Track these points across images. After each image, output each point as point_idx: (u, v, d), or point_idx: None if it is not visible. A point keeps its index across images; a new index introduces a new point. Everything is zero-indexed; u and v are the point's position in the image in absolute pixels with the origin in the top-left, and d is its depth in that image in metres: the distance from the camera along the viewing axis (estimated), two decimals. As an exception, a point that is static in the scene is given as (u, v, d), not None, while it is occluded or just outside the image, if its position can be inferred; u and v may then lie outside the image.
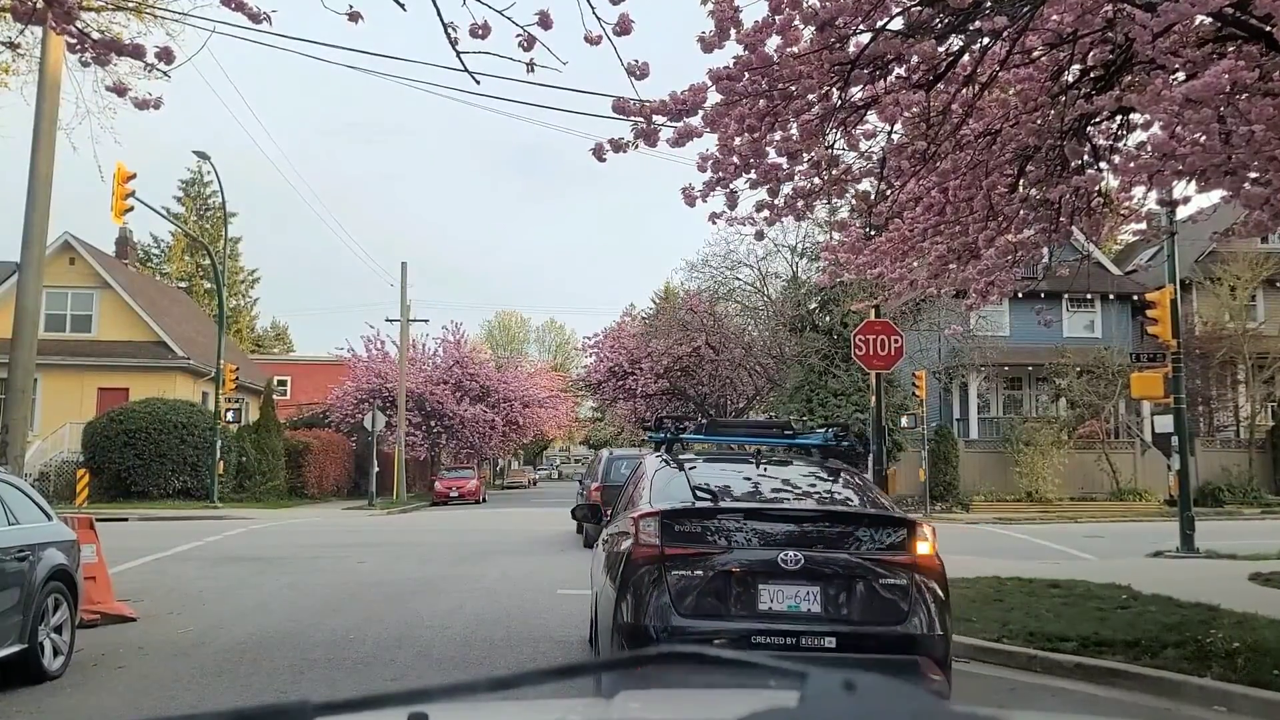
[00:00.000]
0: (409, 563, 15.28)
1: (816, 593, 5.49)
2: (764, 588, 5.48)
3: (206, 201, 70.30)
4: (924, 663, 5.46)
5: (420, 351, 48.50)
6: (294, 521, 25.61)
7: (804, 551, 5.50)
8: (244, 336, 72.17)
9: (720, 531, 5.69)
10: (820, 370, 32.68)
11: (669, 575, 5.50)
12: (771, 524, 5.72)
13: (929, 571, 5.69)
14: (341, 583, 12.96)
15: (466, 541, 19.01)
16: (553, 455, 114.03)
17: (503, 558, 16.08)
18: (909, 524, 5.82)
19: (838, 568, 5.56)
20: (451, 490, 39.57)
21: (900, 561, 5.62)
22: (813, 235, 35.14)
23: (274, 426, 34.81)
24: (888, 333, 12.44)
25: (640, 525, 5.70)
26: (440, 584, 12.76)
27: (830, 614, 5.49)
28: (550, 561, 15.50)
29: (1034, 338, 36.87)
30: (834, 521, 5.83)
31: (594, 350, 40.78)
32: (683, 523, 5.69)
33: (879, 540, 5.73)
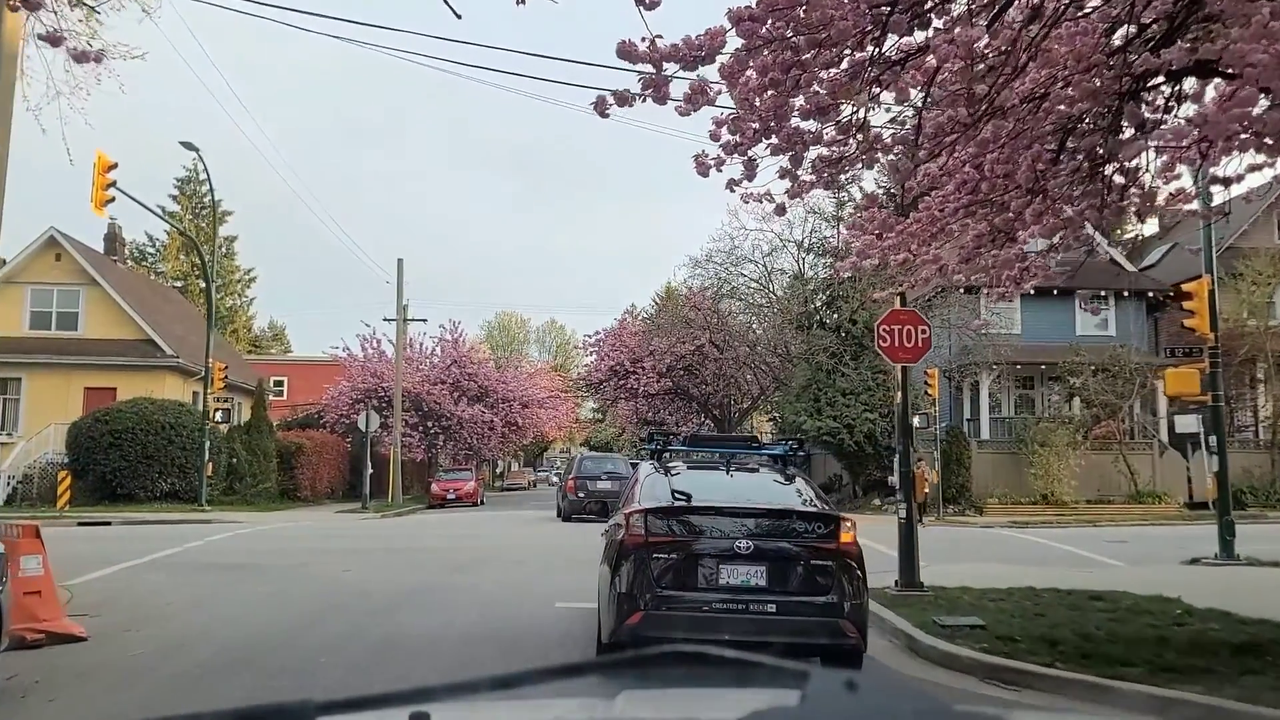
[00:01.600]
0: (398, 570, 14.31)
1: (763, 571, 6.97)
2: (724, 567, 6.97)
3: (202, 199, 69.08)
4: (844, 624, 6.98)
5: (418, 351, 47.54)
6: (283, 525, 24.65)
7: (754, 540, 7.00)
8: (240, 337, 71.24)
9: (691, 524, 7.19)
10: (828, 369, 31.70)
11: (652, 557, 6.97)
12: (731, 519, 7.16)
13: (850, 555, 7.18)
14: (324, 592, 12.00)
15: (460, 547, 18.04)
16: (553, 457, 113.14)
17: (497, 565, 15.12)
18: (835, 519, 7.28)
19: (780, 552, 7.06)
20: (448, 492, 38.58)
21: (827, 548, 7.08)
22: (820, 230, 34.22)
23: (266, 427, 33.84)
24: (914, 322, 11.46)
25: (630, 519, 7.21)
26: (429, 595, 11.79)
27: (773, 587, 6.96)
28: (547, 570, 14.54)
29: (1046, 336, 35.96)
30: (778, 517, 7.31)
31: (594, 349, 39.74)
32: (662, 517, 7.17)
33: (812, 531, 7.21)
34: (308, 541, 19.09)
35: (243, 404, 36.97)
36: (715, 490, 7.81)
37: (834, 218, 33.86)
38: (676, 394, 40.62)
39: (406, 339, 49.72)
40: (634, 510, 7.35)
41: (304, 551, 16.85)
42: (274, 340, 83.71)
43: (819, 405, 31.51)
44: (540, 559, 16.37)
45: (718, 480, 8.23)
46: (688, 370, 38.54)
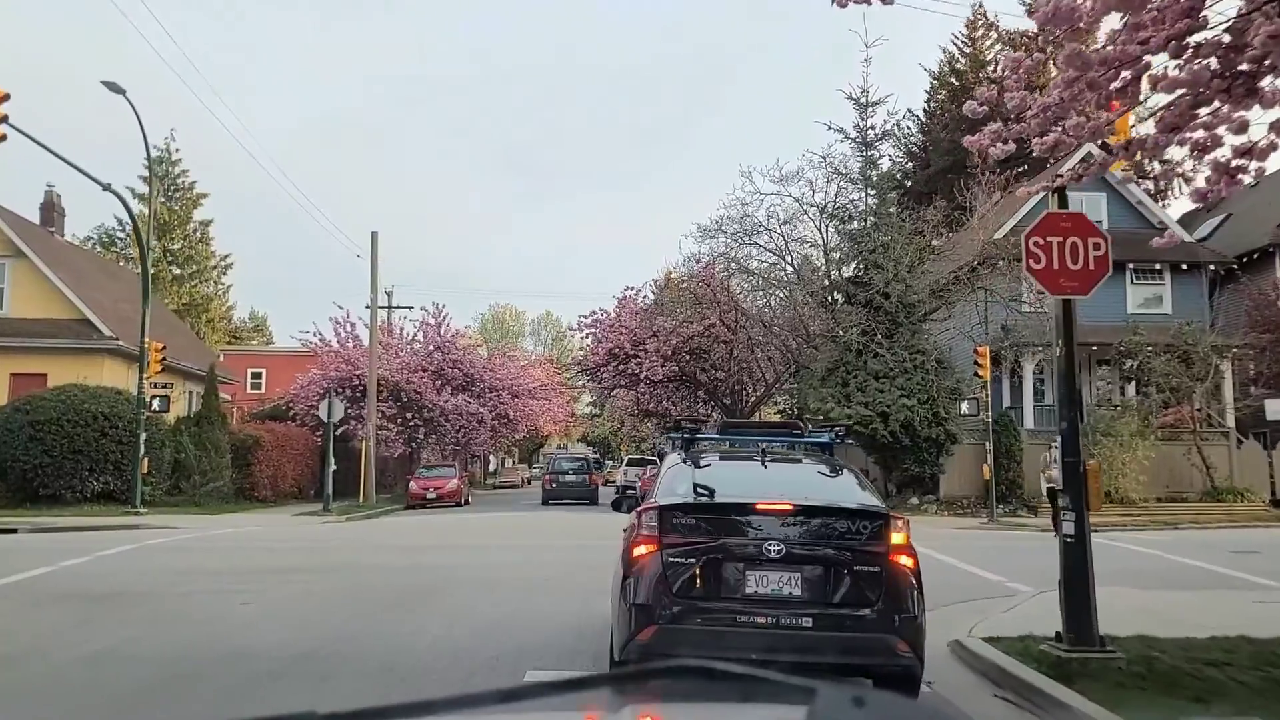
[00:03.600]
0: (319, 604, 10.33)
1: (798, 578, 5.90)
2: (750, 573, 5.91)
3: (175, 181, 65.22)
4: (894, 642, 5.79)
5: (397, 337, 43.51)
6: (223, 532, 20.65)
7: (787, 542, 5.93)
8: (216, 326, 67.25)
9: (714, 523, 6.15)
10: (858, 348, 27.69)
11: (666, 561, 5.95)
12: (759, 517, 6.09)
13: (902, 560, 6.04)
14: (184, 647, 8.06)
15: (421, 563, 14.06)
16: (550, 453, 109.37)
17: (461, 591, 11.14)
18: (884, 517, 6.17)
19: (818, 556, 5.98)
20: (428, 491, 34.55)
21: (875, 551, 6.00)
22: (846, 193, 30.16)
23: (217, 418, 29.79)
24: (1083, 232, 7.45)
25: (643, 518, 6.27)
26: (341, 654, 7.82)
27: (810, 597, 5.88)
28: (527, 594, 10.57)
29: (1095, 314, 31.76)
30: (817, 515, 6.19)
31: (591, 331, 35.56)
32: (679, 516, 6.18)
33: (857, 531, 6.11)
34: (230, 557, 15.09)
35: (195, 393, 32.93)
36: (747, 484, 6.84)
37: (862, 178, 29.80)
38: (682, 381, 36.48)
39: (389, 325, 45.77)
40: (647, 508, 6.41)
41: (209, 574, 12.84)
42: (255, 331, 79.87)
43: (848, 391, 27.50)
44: (520, 577, 12.39)
45: (751, 473, 7.22)
46: (694, 354, 34.42)
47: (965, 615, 10.41)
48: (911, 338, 27.78)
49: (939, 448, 27.22)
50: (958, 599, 11.12)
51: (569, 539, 18.48)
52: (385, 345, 41.20)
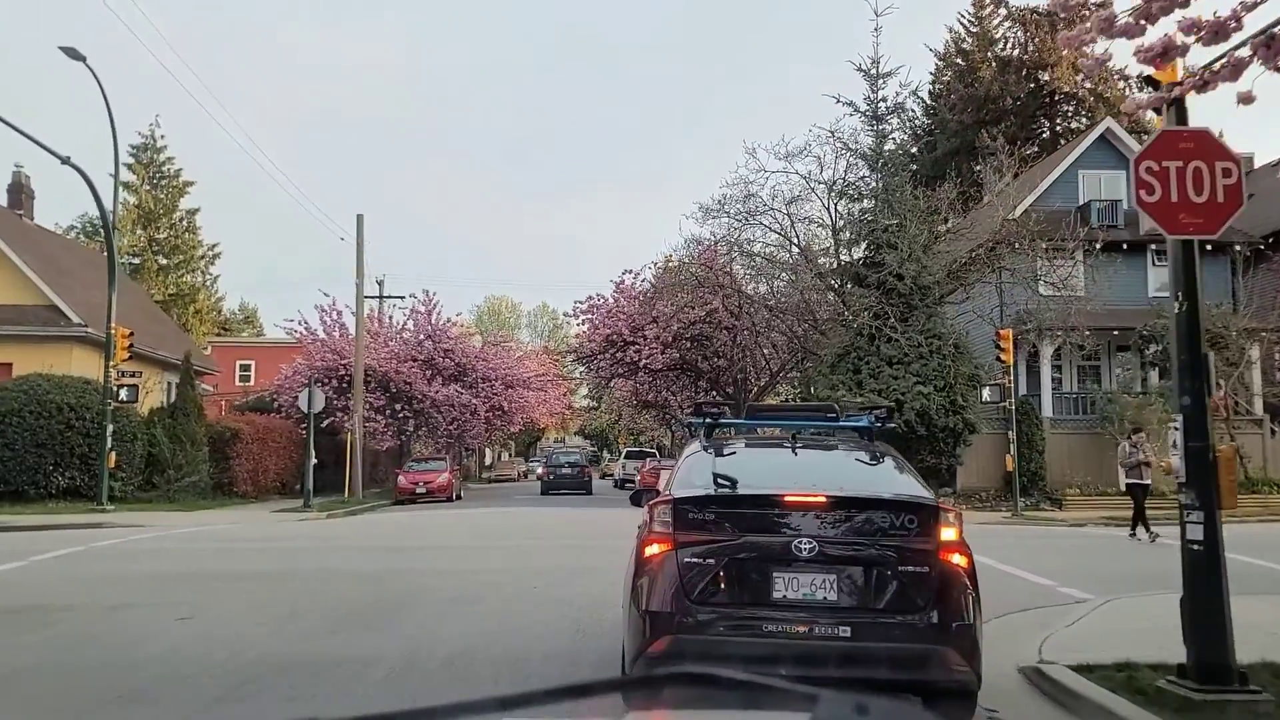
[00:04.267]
0: (265, 620, 8.78)
1: (833, 581, 5.18)
2: (778, 575, 5.18)
3: (160, 168, 63.51)
4: (946, 653, 5.04)
5: (387, 326, 41.92)
6: (189, 531, 19.09)
7: (820, 538, 5.21)
8: (205, 317, 65.63)
9: (735, 518, 5.41)
10: (870, 333, 26.13)
11: (681, 562, 5.24)
12: (788, 511, 5.38)
13: (954, 559, 5.30)
14: (95, 671, 6.55)
15: (396, 569, 12.49)
16: (547, 446, 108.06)
17: (431, 608, 9.56)
18: (933, 510, 5.40)
19: (855, 555, 5.24)
20: (418, 486, 33.01)
21: (922, 549, 5.24)
22: (856, 169, 28.56)
23: (194, 410, 28.19)
24: (1209, 155, 5.76)
25: (654, 513, 5.56)
26: (271, 689, 6.25)
27: (847, 602, 5.15)
28: (510, 619, 8.95)
29: (1115, 297, 30.28)
30: (853, 507, 5.42)
31: (587, 316, 33.87)
32: (696, 510, 5.47)
33: (901, 526, 5.36)
34: (185, 560, 13.53)
35: (175, 384, 31.35)
36: (774, 474, 6.09)
37: (872, 154, 28.20)
38: (683, 369, 34.86)
39: (380, 314, 44.21)
40: (660, 501, 5.59)
41: (149, 582, 11.27)
42: (245, 323, 78.26)
43: (859, 378, 25.95)
44: (505, 583, 10.83)
45: (780, 461, 6.52)
46: (695, 341, 32.79)
47: (1025, 628, 8.91)
48: (927, 321, 26.23)
49: (956, 438, 25.68)
50: (1010, 608, 9.60)
51: (564, 538, 16.94)
52: (374, 334, 39.62)
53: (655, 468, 36.60)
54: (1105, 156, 33.99)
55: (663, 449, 59.67)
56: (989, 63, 51.53)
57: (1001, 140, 36.01)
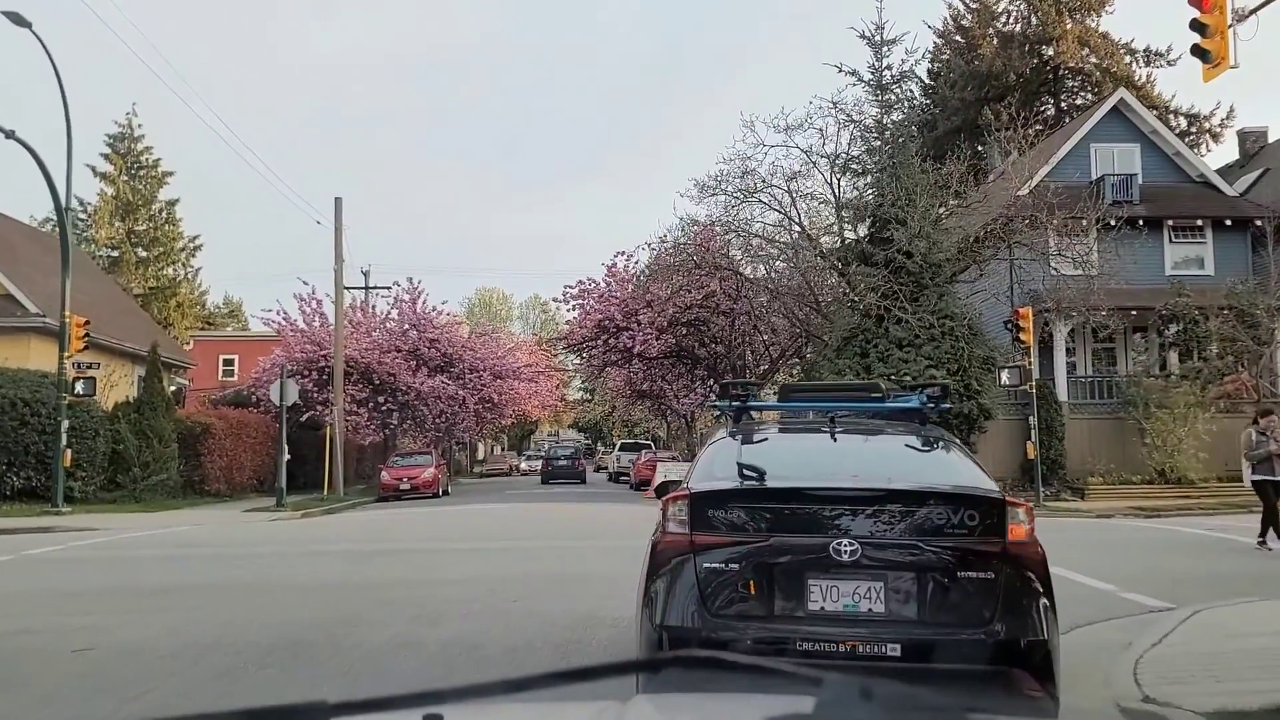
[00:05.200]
0: (178, 651, 7.19)
1: (879, 589, 4.42)
2: (814, 583, 4.45)
3: (138, 158, 61.65)
4: (1017, 675, 4.25)
5: (370, 316, 40.31)
6: (147, 534, 17.49)
7: (864, 539, 4.46)
8: (187, 311, 63.89)
9: (763, 516, 4.66)
10: (878, 313, 24.57)
11: (699, 567, 4.55)
12: (827, 506, 4.61)
13: (1024, 562, 4.53)
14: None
15: (356, 580, 10.91)
16: (541, 440, 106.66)
17: (383, 634, 7.97)
18: (998, 504, 4.59)
19: (907, 558, 4.47)
20: (401, 481, 31.44)
21: (987, 550, 4.48)
22: (861, 141, 26.98)
23: (162, 404, 26.54)
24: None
25: (668, 510, 4.81)
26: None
27: (896, 615, 4.41)
28: (474, 653, 7.33)
29: (1131, 275, 28.73)
30: (903, 501, 4.60)
31: (578, 302, 32.18)
32: (717, 506, 4.70)
33: (961, 524, 4.55)
34: (119, 572, 11.93)
35: (139, 376, 29.72)
36: (811, 463, 5.30)
37: (877, 125, 26.62)
38: (679, 356, 33.23)
39: (364, 304, 42.61)
40: (676, 496, 4.83)
41: (65, 599, 9.68)
42: (230, 317, 76.56)
43: (867, 362, 24.39)
44: (478, 597, 9.25)
45: (817, 447, 5.60)
46: (692, 326, 31.16)
47: (1102, 646, 7.43)
48: (938, 301, 24.67)
49: (971, 424, 24.13)
50: (1073, 619, 8.05)
51: (552, 538, 15.37)
52: (356, 325, 38.02)
53: (651, 460, 35.10)
54: (1118, 129, 32.45)
55: (658, 440, 58.14)
56: (989, 38, 49.94)
57: (1006, 116, 34.52)
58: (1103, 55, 47.26)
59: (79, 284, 33.99)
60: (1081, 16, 47.93)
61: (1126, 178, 31.40)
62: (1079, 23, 47.18)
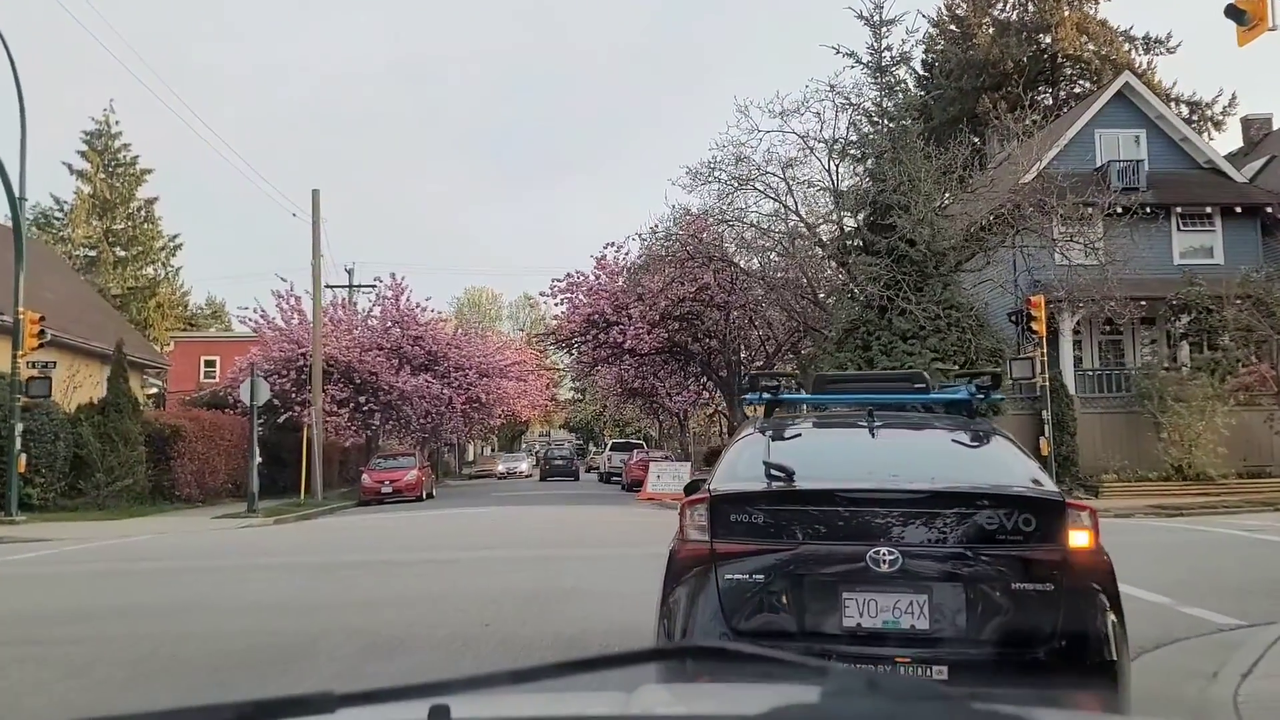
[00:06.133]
0: (73, 691, 5.94)
1: (923, 603, 3.96)
2: (849, 596, 4.00)
3: (116, 155, 60.17)
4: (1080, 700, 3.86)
5: (351, 313, 39.02)
6: (101, 545, 16.21)
7: (905, 547, 4.01)
8: (168, 312, 62.46)
9: (792, 521, 4.22)
10: (881, 304, 23.41)
11: (721, 579, 4.14)
12: (863, 510, 4.17)
13: (1088, 572, 4.11)
14: None
15: (309, 600, 9.65)
16: (532, 440, 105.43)
17: (328, 667, 6.77)
18: (1056, 506, 4.15)
19: (954, 568, 4.02)
20: (383, 484, 30.18)
21: (1045, 558, 4.03)
22: (860, 126, 25.81)
23: (128, 406, 25.24)
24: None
25: (687, 515, 4.41)
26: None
27: (942, 633, 3.95)
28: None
29: (1140, 266, 27.62)
30: (949, 504, 4.18)
31: (567, 296, 30.91)
32: (740, 510, 4.27)
33: (1015, 529, 4.07)
34: (46, 590, 10.66)
35: (102, 377, 28.37)
36: (846, 462, 4.85)
37: (877, 109, 25.46)
38: (671, 351, 32.00)
39: (347, 302, 41.33)
40: (695, 500, 4.41)
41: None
42: (213, 318, 75.12)
43: (870, 355, 23.24)
44: (443, 620, 8.02)
45: (855, 445, 5.07)
46: (685, 320, 29.94)
47: (1178, 673, 6.32)
48: (943, 291, 23.53)
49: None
50: (1135, 640, 6.87)
51: (536, 546, 14.13)
52: (336, 322, 36.74)
53: (643, 460, 33.88)
54: (1123, 114, 31.36)
55: (650, 439, 56.94)
56: (984, 27, 48.86)
57: (1005, 105, 33.48)
58: (1101, 43, 46.23)
59: (47, 282, 32.70)
60: (1080, 3, 46.91)
61: (1133, 164, 30.33)
62: (1077, 9, 46.14)
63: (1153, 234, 28.07)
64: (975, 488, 4.36)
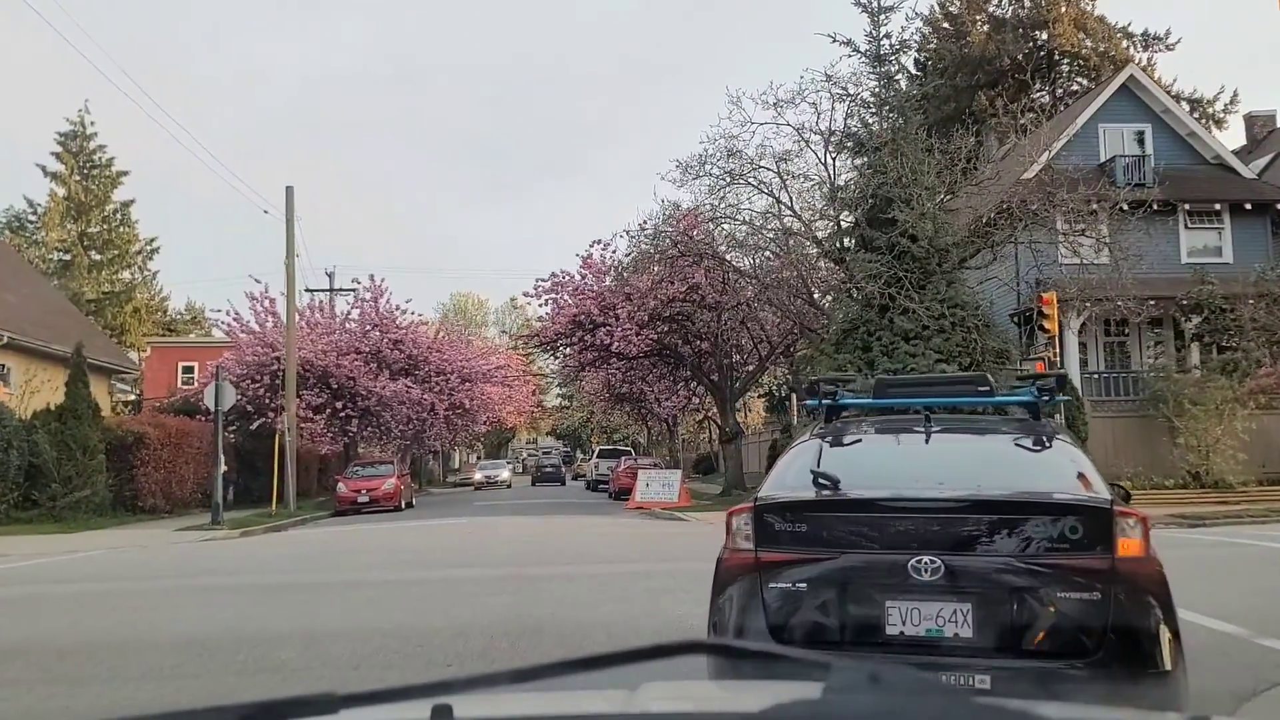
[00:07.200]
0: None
1: (967, 611, 3.96)
2: (892, 605, 4.01)
3: (91, 157, 58.73)
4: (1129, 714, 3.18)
5: (332, 316, 37.68)
6: (34, 565, 14.83)
7: (948, 555, 3.99)
8: (145, 317, 60.91)
9: (835, 530, 4.26)
10: (881, 304, 22.23)
11: (765, 588, 4.20)
12: (905, 518, 4.17)
13: (1138, 581, 4.03)
14: None
15: (238, 634, 8.35)
16: (519, 448, 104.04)
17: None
18: (1103, 513, 4.05)
19: (998, 577, 4.01)
20: (360, 494, 28.83)
21: (1092, 567, 3.95)
22: (858, 116, 24.67)
23: (87, 412, 23.84)
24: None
25: (733, 523, 4.50)
26: None
27: (986, 642, 3.94)
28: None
29: (1147, 265, 26.51)
30: (992, 512, 4.15)
31: (551, 296, 29.61)
32: (784, 519, 4.33)
33: (1061, 538, 4.02)
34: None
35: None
36: (894, 469, 4.90)
37: (876, 99, 24.32)
38: (661, 355, 30.76)
39: (326, 305, 40.00)
40: (739, 509, 4.51)
41: None
42: (192, 323, 73.63)
43: (870, 356, 22.05)
44: (393, 671, 6.75)
45: (907, 451, 5.16)
46: (675, 321, 28.71)
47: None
48: (947, 289, 22.36)
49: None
50: (1203, 672, 5.67)
51: (509, 563, 12.80)
52: (312, 324, 35.40)
53: (631, 467, 32.63)
54: (1128, 109, 30.34)
55: (638, 446, 55.67)
56: (979, 24, 47.88)
57: (1002, 102, 32.45)
58: (1099, 39, 45.29)
59: (10, 284, 31.36)
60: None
61: (1138, 159, 29.31)
62: (1074, 5, 45.19)
63: (1160, 232, 27.03)
64: (1019, 495, 4.28)
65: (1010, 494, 4.31)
